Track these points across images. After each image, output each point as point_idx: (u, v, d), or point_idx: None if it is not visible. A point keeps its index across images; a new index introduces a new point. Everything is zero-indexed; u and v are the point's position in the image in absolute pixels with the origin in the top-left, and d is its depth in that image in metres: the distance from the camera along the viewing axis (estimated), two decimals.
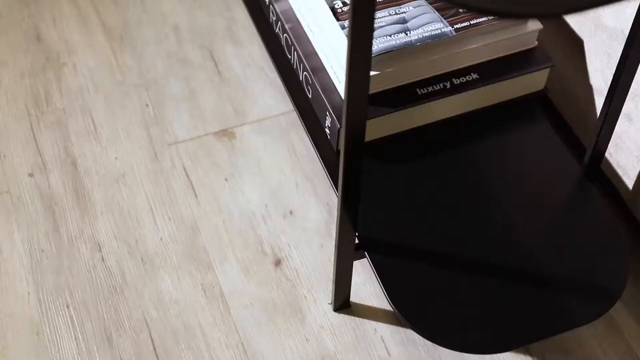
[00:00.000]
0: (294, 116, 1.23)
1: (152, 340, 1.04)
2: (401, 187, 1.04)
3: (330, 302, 1.07)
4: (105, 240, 1.12)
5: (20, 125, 1.22)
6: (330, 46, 1.05)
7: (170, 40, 1.32)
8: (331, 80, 1.06)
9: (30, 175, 1.17)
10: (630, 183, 1.08)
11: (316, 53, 1.08)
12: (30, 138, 1.21)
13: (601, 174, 1.11)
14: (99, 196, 1.15)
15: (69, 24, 1.33)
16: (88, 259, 1.10)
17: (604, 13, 1.05)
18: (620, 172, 1.09)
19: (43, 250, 1.10)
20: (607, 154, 1.10)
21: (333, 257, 1.05)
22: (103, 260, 1.10)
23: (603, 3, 0.58)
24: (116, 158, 1.19)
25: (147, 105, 1.24)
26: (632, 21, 0.96)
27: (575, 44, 1.11)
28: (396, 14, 1.05)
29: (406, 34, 1.03)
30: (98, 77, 1.27)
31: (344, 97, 0.80)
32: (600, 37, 1.06)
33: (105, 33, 1.32)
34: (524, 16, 0.56)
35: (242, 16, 1.34)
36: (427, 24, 1.04)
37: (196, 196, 1.16)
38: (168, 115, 1.23)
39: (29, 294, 1.07)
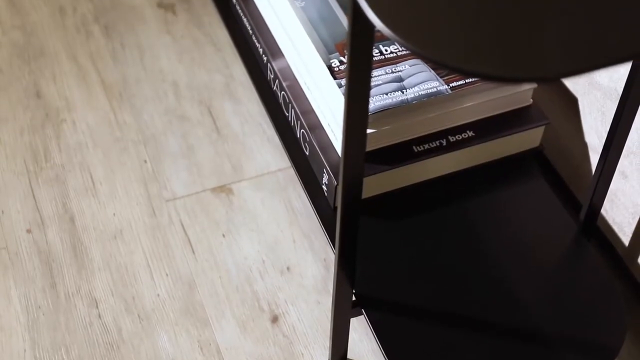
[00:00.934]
0: (292, 172, 1.24)
1: None
2: (398, 244, 1.04)
3: (327, 359, 1.07)
4: (102, 297, 1.11)
5: (19, 181, 1.22)
6: (327, 104, 1.06)
7: (168, 97, 1.33)
8: (328, 138, 1.07)
9: (28, 231, 1.17)
10: (626, 239, 1.08)
11: (313, 111, 1.09)
12: (28, 194, 1.21)
13: (597, 231, 1.12)
14: (97, 252, 1.15)
15: (68, 80, 1.34)
16: (85, 315, 1.10)
17: (597, 72, 1.06)
18: (616, 228, 1.10)
19: (40, 307, 1.10)
20: (602, 211, 1.11)
21: (330, 314, 1.05)
22: (100, 316, 1.10)
23: (595, 68, 0.59)
24: (114, 214, 1.20)
25: (145, 162, 1.25)
26: (625, 80, 0.98)
27: (570, 102, 1.12)
28: (392, 72, 1.06)
29: (402, 92, 1.04)
30: (97, 134, 1.28)
31: (341, 155, 0.81)
32: (594, 96, 1.07)
33: (104, 90, 1.33)
34: (520, 81, 0.57)
35: (241, 73, 1.35)
36: (423, 82, 1.05)
37: (193, 252, 1.16)
38: (166, 172, 1.24)
39: (25, 351, 1.07)
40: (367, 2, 0.62)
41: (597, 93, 1.07)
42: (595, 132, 1.09)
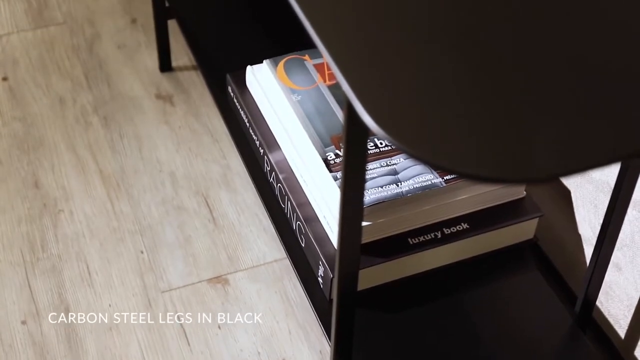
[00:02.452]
0: (288, 263, 1.24)
1: None
2: (394, 336, 1.04)
3: None
4: None
5: (15, 271, 1.23)
6: (323, 197, 1.07)
7: (166, 187, 1.34)
8: (324, 230, 1.08)
9: (23, 322, 1.17)
10: (622, 332, 1.08)
11: (309, 203, 1.11)
12: (24, 285, 1.21)
13: (593, 323, 1.12)
14: (92, 344, 1.15)
15: (67, 171, 1.36)
16: None
17: None
18: (611, 320, 1.10)
19: None
20: (598, 303, 1.11)
21: None
22: None
23: (586, 169, 0.60)
24: (110, 305, 1.19)
25: (142, 252, 1.26)
26: (617, 174, 0.99)
27: (563, 194, 1.14)
28: (387, 165, 1.07)
29: (397, 185, 1.05)
30: (94, 224, 1.29)
31: (337, 247, 0.82)
32: (586, 189, 1.09)
33: (102, 180, 1.35)
34: (511, 182, 0.59)
35: (237, 164, 1.37)
36: (418, 175, 1.06)
37: (189, 344, 1.16)
38: (162, 262, 1.24)
39: None
40: (363, 106, 0.63)
41: (589, 186, 1.08)
42: (588, 224, 1.10)
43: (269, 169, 1.18)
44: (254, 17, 1.40)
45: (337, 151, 1.09)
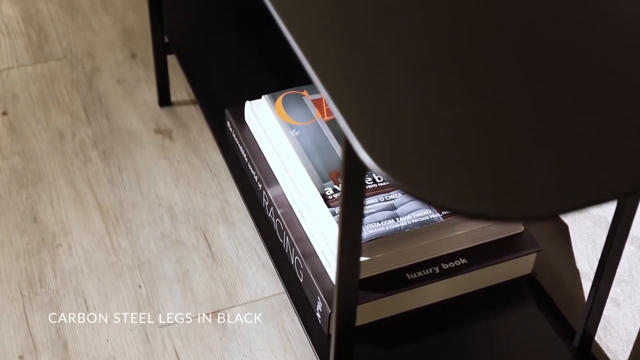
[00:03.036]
0: (286, 298, 1.24)
1: None
2: None
3: None
4: None
5: (13, 306, 1.23)
6: (321, 232, 1.07)
7: (164, 222, 1.34)
8: (322, 265, 1.08)
9: (21, 357, 1.17)
10: None
11: (308, 238, 1.11)
12: (22, 319, 1.21)
13: (592, 358, 1.11)
14: None
15: (65, 205, 1.36)
16: None
17: None
18: (610, 356, 1.10)
19: None
20: (596, 338, 1.11)
21: None
22: None
23: (583, 206, 0.61)
24: (107, 340, 1.19)
25: (140, 287, 1.26)
26: (614, 209, 0.99)
27: (561, 229, 1.14)
28: (385, 200, 1.08)
29: (395, 220, 1.05)
30: (92, 258, 1.29)
31: (335, 283, 0.82)
32: (584, 224, 1.09)
33: (101, 214, 1.35)
34: (509, 220, 0.59)
35: (236, 198, 1.37)
36: (416, 210, 1.07)
37: None
38: (161, 297, 1.24)
39: None
40: (360, 144, 0.64)
41: (587, 221, 1.08)
42: (586, 259, 1.10)
43: (267, 203, 1.18)
44: (253, 53, 1.41)
45: (336, 186, 1.10)
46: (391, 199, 1.08)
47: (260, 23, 1.47)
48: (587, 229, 1.09)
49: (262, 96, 1.22)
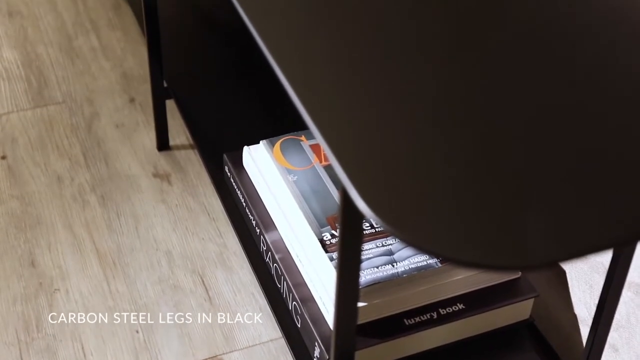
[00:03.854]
0: (284, 343, 1.24)
1: None
2: None
3: None
4: None
5: (10, 351, 1.22)
6: (319, 277, 1.07)
7: (162, 266, 1.34)
8: (320, 311, 1.08)
9: None
10: None
11: (305, 283, 1.11)
12: None
13: None
14: None
15: (63, 249, 1.36)
16: None
17: None
18: None
19: None
20: None
21: None
22: None
23: (579, 255, 0.61)
24: None
25: (137, 332, 1.25)
26: (611, 255, 1.00)
27: (558, 274, 1.14)
28: (383, 245, 1.08)
29: (393, 266, 1.06)
30: (90, 303, 1.28)
31: (333, 328, 0.82)
32: (581, 269, 1.09)
33: (98, 258, 1.35)
34: (504, 269, 0.59)
35: (234, 242, 1.37)
36: (413, 255, 1.07)
37: None
38: (158, 342, 1.24)
39: None
40: (358, 192, 0.64)
41: (584, 266, 1.08)
42: (584, 305, 1.10)
43: (265, 248, 1.18)
44: (251, 97, 1.42)
45: (333, 231, 1.10)
46: (388, 244, 1.08)
47: (258, 68, 1.48)
48: (585, 274, 1.09)
49: (260, 141, 1.23)
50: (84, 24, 1.76)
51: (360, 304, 1.03)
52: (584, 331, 1.12)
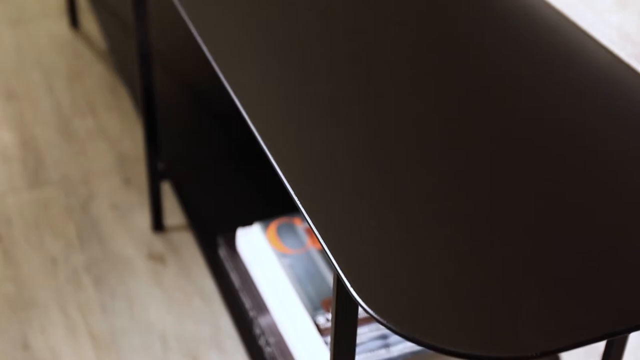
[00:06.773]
0: None
1: None
2: None
3: None
4: None
5: None
6: None
7: (156, 349, 1.33)
8: None
9: None
10: None
11: None
12: None
13: None
14: None
15: (56, 332, 1.35)
16: None
17: None
18: None
19: None
20: None
21: None
22: None
23: (572, 347, 0.61)
24: None
25: None
26: (605, 340, 0.99)
27: (553, 358, 1.14)
28: (377, 329, 1.08)
29: (387, 350, 1.05)
30: None
31: None
32: (577, 353, 1.09)
33: (92, 341, 1.34)
34: None
35: (228, 324, 1.37)
36: None
37: None
38: None
39: None
40: (351, 284, 0.64)
41: (579, 350, 1.08)
42: None
43: (259, 332, 1.18)
44: (246, 179, 1.43)
45: (327, 315, 1.10)
46: (382, 328, 1.08)
47: (253, 151, 1.49)
48: (580, 358, 1.08)
49: (254, 224, 1.23)
50: (80, 105, 1.78)
51: None
52: None
